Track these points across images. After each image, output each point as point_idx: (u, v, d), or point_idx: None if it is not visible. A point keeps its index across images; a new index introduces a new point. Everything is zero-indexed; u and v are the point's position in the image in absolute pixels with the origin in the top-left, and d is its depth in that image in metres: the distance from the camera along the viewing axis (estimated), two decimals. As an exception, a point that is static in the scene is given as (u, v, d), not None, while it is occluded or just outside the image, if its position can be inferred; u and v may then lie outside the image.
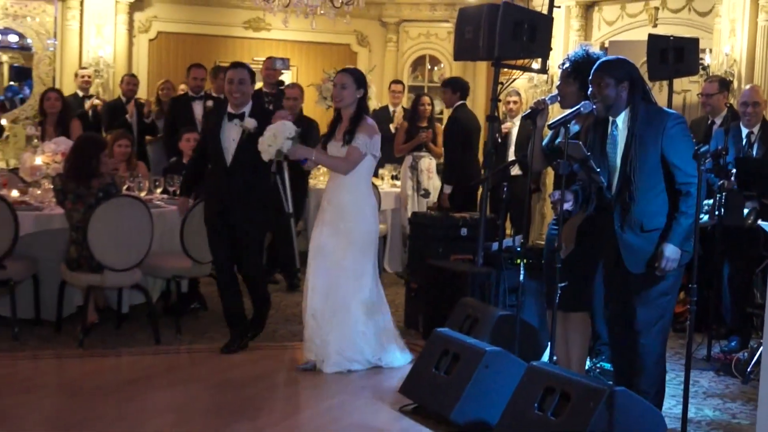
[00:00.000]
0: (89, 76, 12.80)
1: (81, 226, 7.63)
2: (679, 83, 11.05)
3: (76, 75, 12.73)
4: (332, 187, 7.37)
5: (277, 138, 6.95)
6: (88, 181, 7.72)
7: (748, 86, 9.01)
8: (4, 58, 15.13)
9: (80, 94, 12.26)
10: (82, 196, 7.71)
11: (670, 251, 5.67)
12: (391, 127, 12.35)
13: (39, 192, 8.58)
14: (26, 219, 7.95)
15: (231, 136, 7.53)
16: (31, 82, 14.38)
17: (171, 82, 12.61)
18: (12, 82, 15.20)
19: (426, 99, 11.89)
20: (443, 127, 11.38)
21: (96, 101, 12.30)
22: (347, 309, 7.27)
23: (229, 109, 7.57)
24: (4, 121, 12.85)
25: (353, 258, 7.28)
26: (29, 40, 14.38)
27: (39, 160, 8.83)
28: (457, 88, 10.89)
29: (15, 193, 8.57)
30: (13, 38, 14.72)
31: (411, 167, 11.78)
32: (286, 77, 13.28)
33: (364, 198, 7.38)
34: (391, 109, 12.82)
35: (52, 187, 8.48)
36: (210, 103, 10.79)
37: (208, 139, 7.78)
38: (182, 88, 12.18)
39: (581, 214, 6.23)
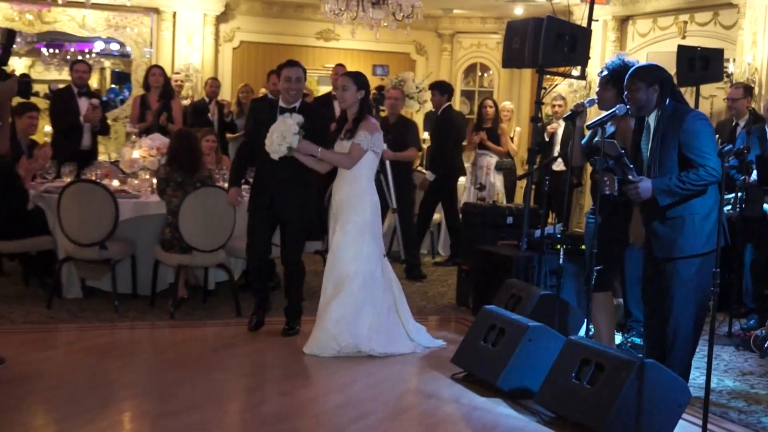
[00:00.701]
0: (180, 80, 12.89)
1: (177, 212, 7.70)
2: (707, 89, 10.97)
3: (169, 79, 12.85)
4: (337, 182, 7.14)
5: (286, 136, 6.77)
6: (193, 172, 7.81)
7: None
8: (107, 64, 15.32)
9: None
10: (184, 184, 7.80)
11: (643, 185, 5.70)
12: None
13: (136, 182, 8.66)
14: (125, 206, 8.03)
15: None
16: (130, 85, 14.55)
17: (250, 86, 12.67)
18: (113, 85, 15.39)
19: (489, 102, 11.96)
20: (432, 125, 11.38)
21: (184, 102, 12.38)
22: (339, 295, 6.88)
23: (281, 104, 7.27)
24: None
25: (346, 246, 6.95)
26: (128, 48, 14.54)
27: (136, 154, 8.91)
28: (444, 90, 10.99)
29: (116, 183, 8.65)
30: (114, 46, 14.89)
31: (473, 164, 11.89)
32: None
33: (364, 191, 7.04)
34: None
35: (149, 177, 8.59)
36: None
37: (258, 132, 7.21)
38: (262, 91, 12.23)
39: (638, 211, 6.18)
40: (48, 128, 10.81)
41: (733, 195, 7.83)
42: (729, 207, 7.81)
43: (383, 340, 6.89)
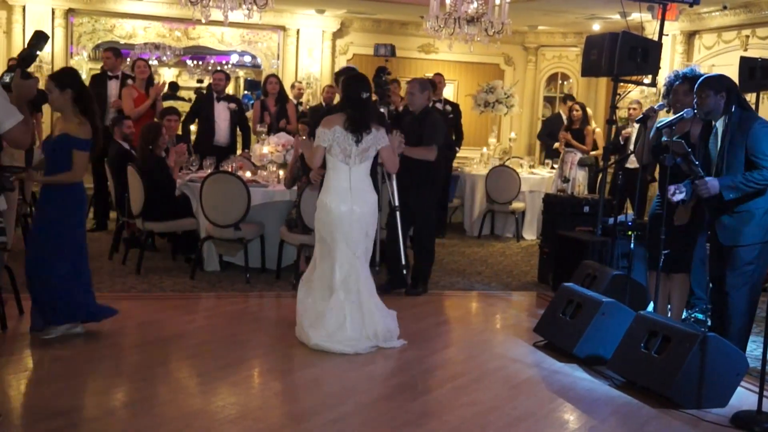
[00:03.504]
0: (302, 87, 13.01)
1: (300, 198, 7.76)
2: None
3: (292, 86, 12.93)
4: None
5: None
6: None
7: None
8: (240, 73, 15.58)
9: (294, 101, 12.45)
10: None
11: (712, 183, 5.60)
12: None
13: (266, 173, 8.77)
14: (256, 193, 8.14)
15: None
16: (260, 92, 14.74)
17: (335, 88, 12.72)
18: (246, 91, 15.61)
19: (576, 106, 11.89)
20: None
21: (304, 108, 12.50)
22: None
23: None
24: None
25: (317, 245, 6.29)
26: (259, 60, 14.76)
27: (266, 149, 9.03)
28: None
29: (248, 174, 8.77)
30: (247, 59, 15.14)
31: (561, 159, 11.89)
32: (448, 91, 13.28)
33: (324, 191, 6.20)
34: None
35: (275, 169, 8.69)
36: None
37: None
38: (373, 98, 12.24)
39: (693, 201, 6.08)
40: (193, 127, 11.04)
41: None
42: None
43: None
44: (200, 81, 12.85)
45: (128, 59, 14.55)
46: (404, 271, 7.57)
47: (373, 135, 6.14)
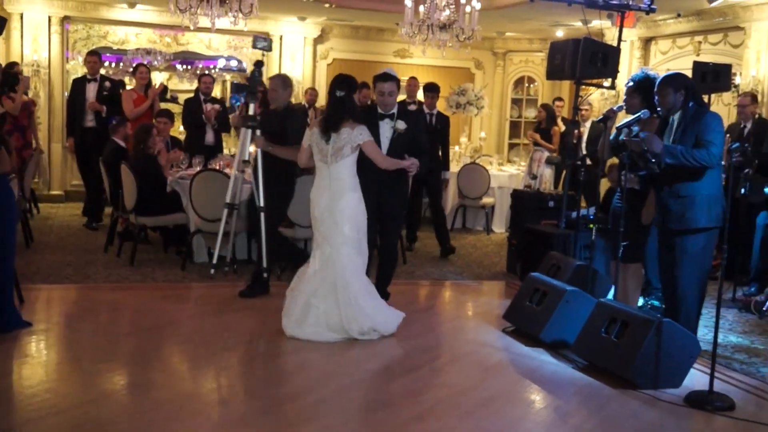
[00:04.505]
0: (315, 93, 12.91)
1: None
2: (727, 98, 10.87)
3: (306, 92, 12.83)
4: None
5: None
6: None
7: None
8: (227, 77, 15.47)
9: (306, 106, 12.26)
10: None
11: (657, 140, 5.66)
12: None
13: (250, 171, 8.73)
14: (244, 190, 8.10)
15: (385, 133, 6.54)
16: (246, 94, 14.65)
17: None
18: (234, 94, 15.54)
19: (541, 109, 12.03)
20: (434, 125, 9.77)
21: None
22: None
23: (379, 111, 6.57)
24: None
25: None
26: (244, 64, 14.67)
27: (251, 148, 8.98)
28: (438, 92, 9.92)
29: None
30: (233, 63, 15.03)
31: (530, 157, 11.98)
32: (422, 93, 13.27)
33: (312, 188, 6.16)
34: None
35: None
36: None
37: None
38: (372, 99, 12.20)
39: (653, 197, 6.12)
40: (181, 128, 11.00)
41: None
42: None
43: None
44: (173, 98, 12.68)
45: (121, 64, 14.49)
46: (264, 275, 7.09)
47: (346, 133, 5.90)
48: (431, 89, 9.85)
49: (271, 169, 7.07)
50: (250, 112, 7.14)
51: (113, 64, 14.51)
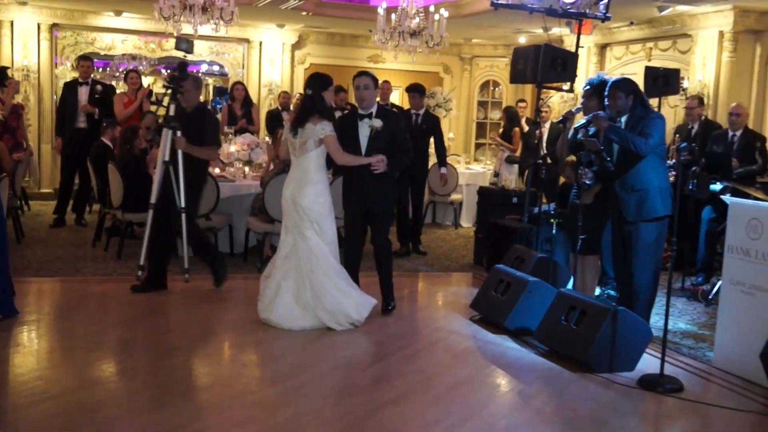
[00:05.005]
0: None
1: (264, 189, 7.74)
2: (672, 100, 10.93)
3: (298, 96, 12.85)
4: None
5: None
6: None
7: (734, 103, 8.81)
8: (210, 81, 15.39)
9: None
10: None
11: (599, 116, 5.84)
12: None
13: (233, 170, 8.74)
14: (224, 187, 8.10)
15: (363, 132, 6.26)
16: (227, 97, 14.59)
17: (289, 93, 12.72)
18: (216, 97, 15.46)
19: (504, 111, 12.06)
20: (421, 125, 9.33)
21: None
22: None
23: (360, 111, 6.34)
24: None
25: None
26: (226, 69, 14.59)
27: (232, 148, 8.98)
28: (423, 93, 9.51)
29: (217, 170, 8.73)
30: (215, 68, 14.96)
31: (497, 158, 12.02)
32: (395, 96, 13.28)
33: None
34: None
35: (242, 166, 8.64)
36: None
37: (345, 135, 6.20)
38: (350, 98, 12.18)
39: (598, 186, 6.20)
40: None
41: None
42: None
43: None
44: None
45: (108, 69, 14.38)
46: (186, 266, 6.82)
47: (310, 128, 5.90)
48: (413, 89, 9.46)
49: (186, 169, 6.69)
50: (171, 113, 6.69)
51: (100, 69, 14.40)
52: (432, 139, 9.59)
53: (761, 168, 8.08)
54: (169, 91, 6.71)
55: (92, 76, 10.67)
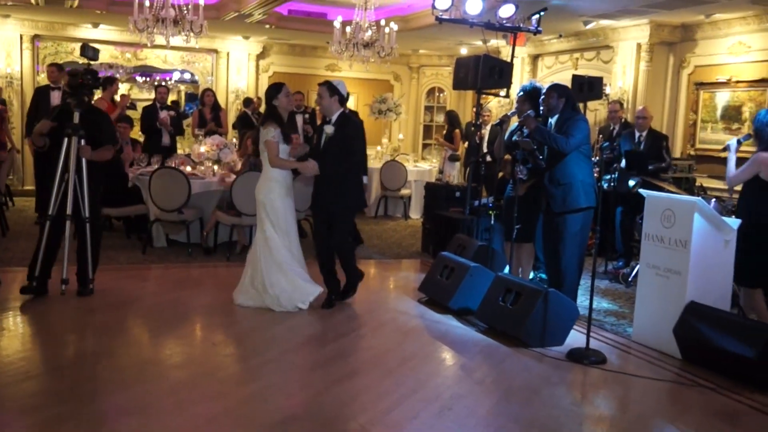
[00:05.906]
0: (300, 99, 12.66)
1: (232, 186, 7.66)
2: (592, 105, 11.01)
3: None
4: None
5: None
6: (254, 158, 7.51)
7: (641, 106, 8.99)
8: (182, 87, 15.17)
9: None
10: (250, 165, 7.80)
11: (529, 117, 5.90)
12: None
13: (203, 168, 8.62)
14: (195, 184, 7.99)
15: (323, 137, 6.10)
16: (198, 102, 14.39)
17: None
18: (188, 102, 15.24)
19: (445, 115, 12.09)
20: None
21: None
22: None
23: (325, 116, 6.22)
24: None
25: None
26: (196, 77, 14.39)
27: (202, 149, 8.86)
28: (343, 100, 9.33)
29: (188, 168, 8.61)
30: (187, 76, 14.72)
31: (442, 156, 12.02)
32: (350, 102, 13.23)
33: None
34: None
35: (211, 165, 8.53)
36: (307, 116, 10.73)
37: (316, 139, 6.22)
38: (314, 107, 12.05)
39: (531, 180, 6.25)
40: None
41: (609, 176, 7.88)
42: (606, 184, 7.85)
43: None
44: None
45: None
46: (90, 275, 6.14)
47: (262, 132, 5.99)
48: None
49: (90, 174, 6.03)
50: (76, 120, 5.94)
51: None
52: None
53: (668, 165, 8.22)
54: (73, 99, 5.95)
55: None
